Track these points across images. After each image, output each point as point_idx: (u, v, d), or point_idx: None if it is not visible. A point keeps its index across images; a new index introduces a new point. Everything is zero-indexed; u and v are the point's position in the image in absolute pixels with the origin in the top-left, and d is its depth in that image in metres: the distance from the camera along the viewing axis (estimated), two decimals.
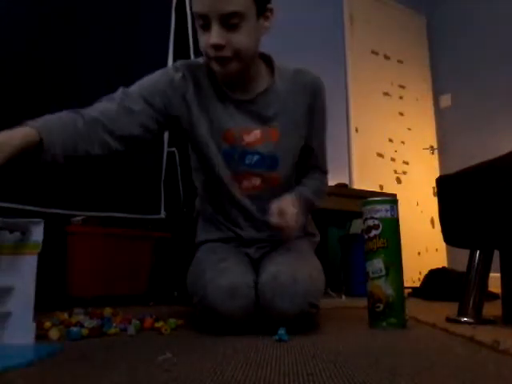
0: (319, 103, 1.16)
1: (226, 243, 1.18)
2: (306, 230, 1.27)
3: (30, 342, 0.81)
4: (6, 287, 0.82)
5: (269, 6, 1.03)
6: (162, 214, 1.84)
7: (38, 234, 0.85)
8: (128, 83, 0.98)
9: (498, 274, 1.30)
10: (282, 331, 0.89)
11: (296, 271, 1.00)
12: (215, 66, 1.01)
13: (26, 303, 0.82)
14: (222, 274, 1.01)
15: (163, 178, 1.87)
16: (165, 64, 1.89)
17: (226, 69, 1.00)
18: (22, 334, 0.81)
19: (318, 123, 1.18)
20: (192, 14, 1.05)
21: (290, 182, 1.19)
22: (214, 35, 0.94)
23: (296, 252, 1.13)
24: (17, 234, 0.84)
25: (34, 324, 0.82)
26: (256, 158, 1.11)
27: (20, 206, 1.50)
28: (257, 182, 1.13)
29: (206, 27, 0.96)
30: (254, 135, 1.10)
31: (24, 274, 0.83)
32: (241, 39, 0.96)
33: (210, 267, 1.04)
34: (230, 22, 0.94)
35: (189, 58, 1.99)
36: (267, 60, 1.14)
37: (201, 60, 1.12)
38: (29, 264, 0.84)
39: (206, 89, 1.10)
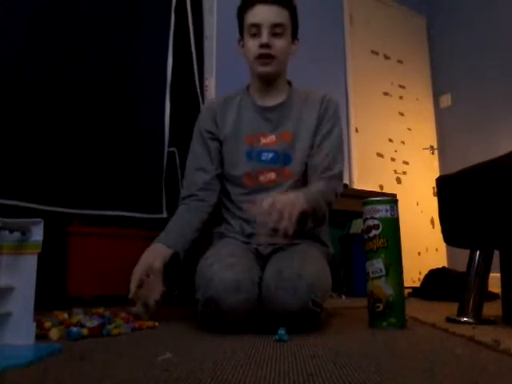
0: (329, 112, 1.31)
1: (238, 238, 1.24)
2: (319, 238, 1.29)
3: (30, 342, 0.80)
4: (6, 287, 0.82)
5: (297, 36, 1.33)
6: (164, 214, 1.83)
7: (38, 233, 0.85)
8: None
9: (498, 274, 1.30)
10: (282, 331, 0.89)
11: (301, 268, 1.02)
12: (259, 67, 1.26)
13: (26, 303, 0.82)
14: (228, 268, 1.02)
15: (164, 177, 1.87)
16: (164, 65, 1.89)
17: (267, 67, 1.25)
18: (22, 334, 0.81)
19: (328, 129, 1.29)
20: (193, 16, 1.13)
21: (301, 177, 1.27)
22: (265, 37, 1.22)
23: (305, 252, 1.14)
24: (17, 234, 0.84)
25: (34, 324, 0.82)
26: (271, 155, 1.27)
27: (19, 203, 1.50)
28: (272, 176, 1.26)
29: (257, 34, 1.23)
30: (270, 138, 1.29)
31: (24, 273, 0.83)
32: (281, 45, 1.24)
33: (217, 261, 1.06)
34: (276, 30, 1.23)
35: (190, 57, 1.99)
36: (288, 82, 1.38)
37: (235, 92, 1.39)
38: (29, 264, 0.84)
39: (238, 103, 1.34)
